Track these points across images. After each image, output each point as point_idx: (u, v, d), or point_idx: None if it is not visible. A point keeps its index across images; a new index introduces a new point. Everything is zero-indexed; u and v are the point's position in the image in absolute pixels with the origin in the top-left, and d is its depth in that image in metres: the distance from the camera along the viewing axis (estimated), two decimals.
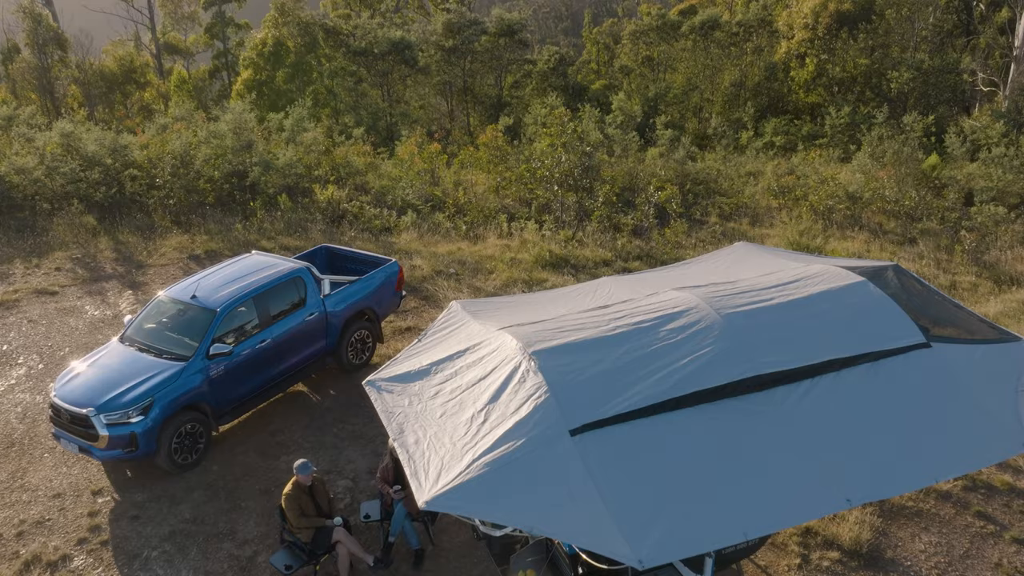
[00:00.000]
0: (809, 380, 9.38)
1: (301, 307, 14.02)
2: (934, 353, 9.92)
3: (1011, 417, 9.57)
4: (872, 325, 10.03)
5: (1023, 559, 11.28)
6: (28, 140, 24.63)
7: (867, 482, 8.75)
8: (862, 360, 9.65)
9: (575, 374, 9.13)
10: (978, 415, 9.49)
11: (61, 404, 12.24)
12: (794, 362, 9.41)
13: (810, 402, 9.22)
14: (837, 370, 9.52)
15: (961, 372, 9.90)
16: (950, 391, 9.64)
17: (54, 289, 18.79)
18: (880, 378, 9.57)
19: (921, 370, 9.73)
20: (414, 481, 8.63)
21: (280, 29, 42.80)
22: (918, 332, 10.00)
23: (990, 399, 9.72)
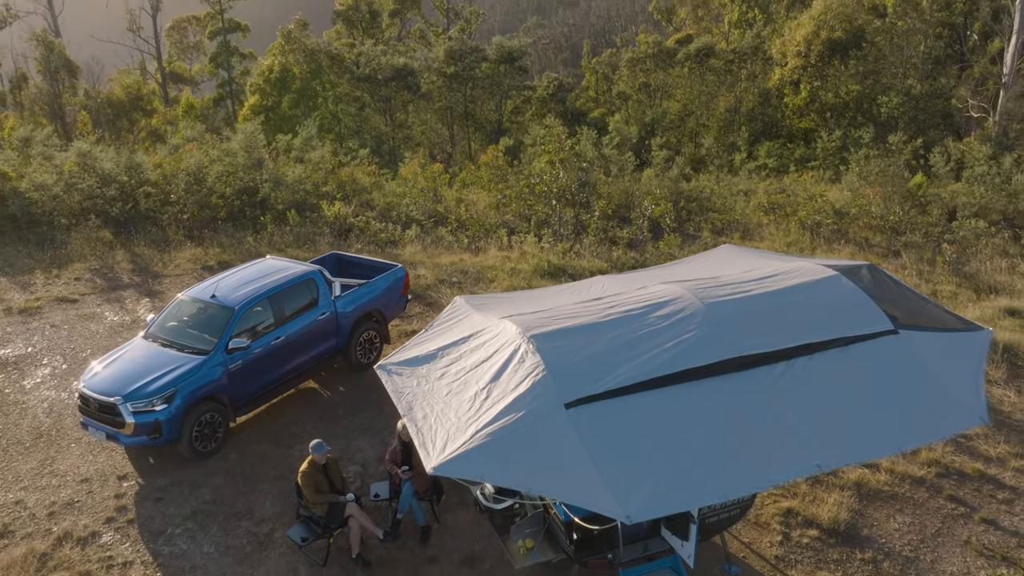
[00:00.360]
0: (785, 362, 10.19)
1: (313, 307, 14.89)
2: (901, 339, 10.75)
3: (971, 395, 10.40)
4: (844, 314, 10.88)
5: (991, 537, 12.04)
6: (47, 158, 25.66)
7: (837, 450, 9.58)
8: (834, 344, 10.47)
9: (570, 355, 9.95)
10: (941, 393, 10.32)
11: (90, 394, 13.08)
12: (771, 346, 10.23)
13: (786, 381, 10.04)
14: (811, 353, 10.33)
15: (926, 356, 10.73)
16: (915, 373, 10.47)
17: (74, 297, 19.67)
18: (851, 360, 10.40)
19: (889, 354, 10.56)
20: (422, 451, 9.43)
21: (286, 56, 44.00)
22: (887, 320, 10.83)
23: (953, 380, 10.56)
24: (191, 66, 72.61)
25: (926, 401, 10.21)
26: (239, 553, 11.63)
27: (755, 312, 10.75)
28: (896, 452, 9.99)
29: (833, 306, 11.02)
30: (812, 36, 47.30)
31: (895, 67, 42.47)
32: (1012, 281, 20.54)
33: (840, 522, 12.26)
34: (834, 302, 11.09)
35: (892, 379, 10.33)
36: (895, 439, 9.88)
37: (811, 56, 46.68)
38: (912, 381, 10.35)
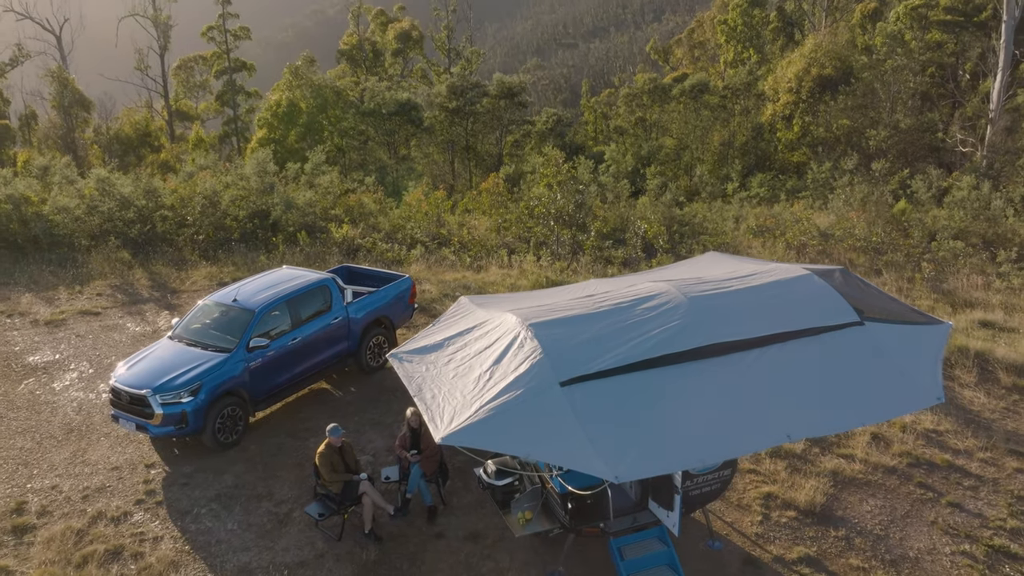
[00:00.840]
0: (759, 349, 11.26)
1: (327, 312, 15.97)
2: (866, 329, 11.83)
3: (929, 379, 11.46)
4: (814, 307, 11.97)
5: (956, 519, 13.01)
6: (70, 182, 26.89)
7: (805, 424, 10.63)
8: (804, 334, 11.54)
9: (565, 340, 11.03)
10: (902, 377, 11.38)
11: (121, 387, 14.12)
12: (747, 334, 11.31)
13: (760, 365, 11.09)
14: (783, 341, 11.40)
15: (889, 344, 11.80)
16: (878, 359, 11.54)
17: (97, 310, 20.75)
18: (819, 347, 11.47)
19: (855, 342, 11.63)
20: (431, 424, 10.46)
21: (293, 91, 45.46)
22: (853, 313, 11.92)
23: (913, 365, 11.62)
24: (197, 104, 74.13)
25: (887, 383, 11.27)
26: (260, 529, 12.60)
27: (733, 305, 11.85)
28: (858, 426, 11.04)
29: (804, 300, 12.12)
30: (803, 73, 48.86)
31: (883, 102, 43.88)
32: (987, 296, 21.63)
33: (816, 504, 13.24)
34: (805, 297, 12.19)
35: (857, 364, 11.39)
36: (858, 415, 10.98)
37: (802, 92, 48.18)
38: (875, 366, 11.42)
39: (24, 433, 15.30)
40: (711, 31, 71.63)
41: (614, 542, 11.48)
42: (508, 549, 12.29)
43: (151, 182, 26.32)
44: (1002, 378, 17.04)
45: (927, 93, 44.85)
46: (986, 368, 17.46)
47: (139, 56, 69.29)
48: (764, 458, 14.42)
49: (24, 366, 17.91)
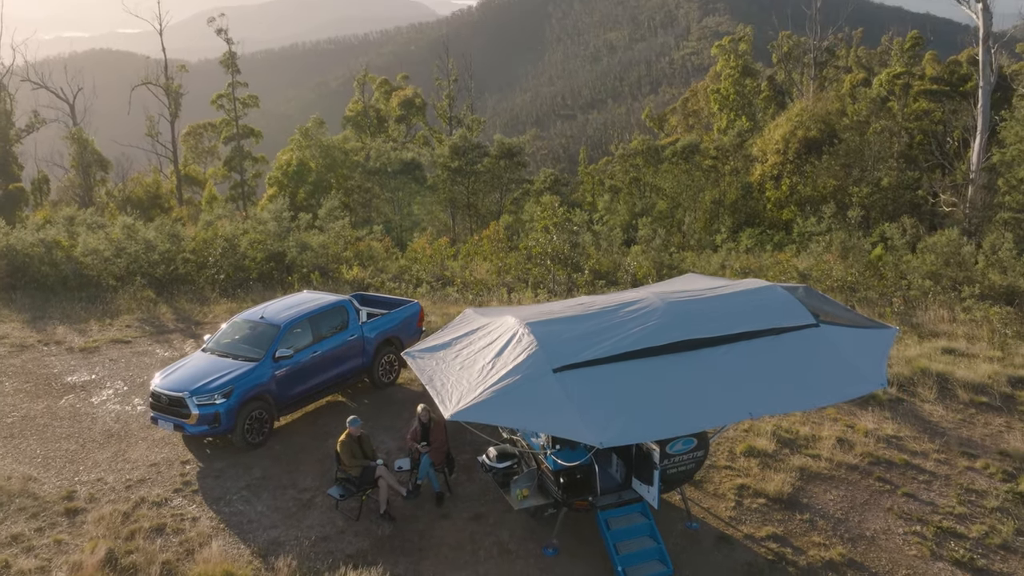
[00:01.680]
0: (727, 345, 13.00)
1: (344, 329, 17.67)
2: (822, 331, 13.57)
3: (875, 370, 13.19)
4: (776, 312, 13.75)
5: (910, 506, 14.53)
6: (100, 226, 28.78)
7: (765, 403, 12.34)
8: (767, 333, 13.30)
9: (557, 335, 12.77)
10: (851, 368, 13.10)
11: (161, 391, 15.76)
12: (716, 332, 13.07)
13: (727, 358, 12.82)
14: (748, 339, 13.13)
15: (841, 343, 13.54)
16: (832, 354, 13.26)
17: (127, 339, 22.42)
18: (780, 344, 13.21)
19: (811, 340, 13.38)
20: (441, 406, 12.11)
21: (303, 151, 47.71)
22: (811, 317, 13.68)
23: (861, 359, 13.35)
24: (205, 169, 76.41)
25: (838, 372, 13.00)
26: (286, 511, 14.13)
27: (705, 309, 13.65)
28: (813, 407, 12.71)
29: (768, 306, 13.90)
30: (790, 135, 51.25)
31: (866, 161, 46.07)
32: (952, 328, 23.31)
33: (784, 493, 14.78)
34: (769, 303, 13.99)
35: (812, 358, 13.13)
36: (812, 398, 12.75)
37: (789, 153, 50.50)
38: (828, 359, 13.16)
39: (68, 438, 16.87)
40: (705, 100, 74.36)
41: (601, 515, 13.01)
42: (508, 527, 13.81)
43: (175, 227, 28.19)
44: (960, 395, 18.62)
45: (910, 154, 47.05)
46: (946, 387, 19.05)
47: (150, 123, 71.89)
48: (738, 456, 15.98)
49: (63, 385, 19.52)
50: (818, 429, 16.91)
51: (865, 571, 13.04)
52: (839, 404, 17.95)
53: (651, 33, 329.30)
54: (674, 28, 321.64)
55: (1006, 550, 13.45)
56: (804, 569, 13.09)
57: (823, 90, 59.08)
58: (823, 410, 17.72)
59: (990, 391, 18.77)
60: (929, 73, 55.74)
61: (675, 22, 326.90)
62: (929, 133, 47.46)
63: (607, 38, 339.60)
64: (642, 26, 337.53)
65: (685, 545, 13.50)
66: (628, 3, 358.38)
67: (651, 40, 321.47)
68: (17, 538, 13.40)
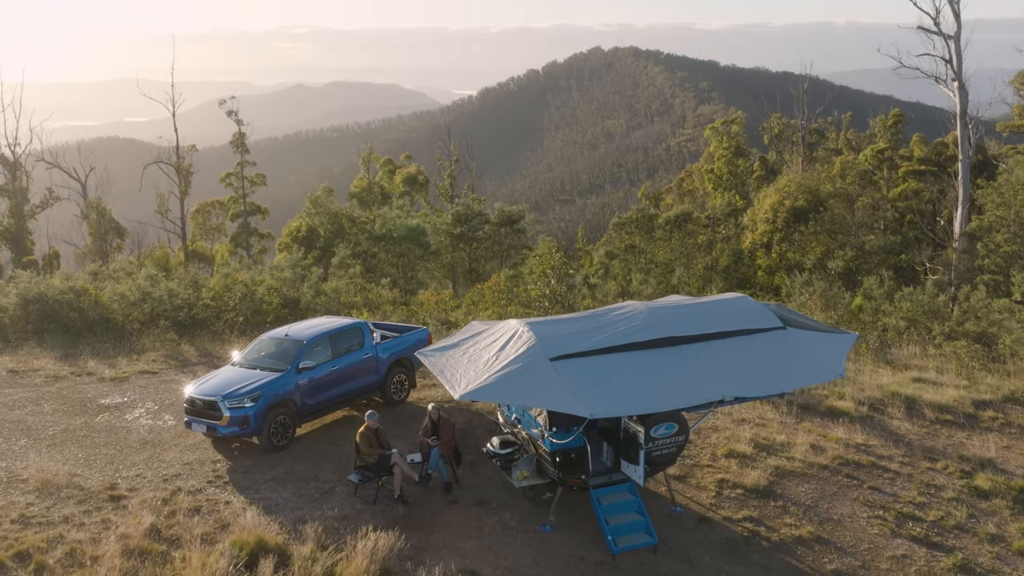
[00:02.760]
0: (702, 342, 14.76)
1: (359, 348, 19.37)
2: (788, 332, 15.36)
3: (835, 364, 14.92)
4: (747, 316, 15.57)
5: (874, 496, 16.06)
6: (128, 274, 30.68)
7: (735, 388, 14.01)
8: (739, 334, 15.07)
9: (553, 332, 14.58)
10: (814, 361, 14.87)
11: (196, 396, 17.43)
12: (693, 331, 14.85)
13: (703, 352, 14.60)
14: (722, 338, 14.89)
15: (805, 342, 15.31)
16: (797, 350, 15.03)
17: (154, 370, 24.09)
18: (749, 342, 14.99)
19: (778, 339, 15.16)
20: (451, 389, 13.82)
21: (312, 218, 49.94)
22: (778, 320, 15.48)
23: (823, 355, 15.12)
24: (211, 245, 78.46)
25: (801, 365, 14.78)
26: (310, 497, 15.66)
27: (683, 313, 15.49)
28: (777, 391, 14.42)
29: (739, 312, 15.74)
30: (778, 205, 53.55)
31: (850, 226, 48.22)
32: (924, 362, 24.96)
33: (760, 485, 16.33)
34: (740, 310, 15.83)
35: (779, 353, 14.90)
36: (777, 384, 14.45)
37: (778, 222, 52.72)
38: (793, 354, 14.93)
39: (106, 445, 18.43)
40: (700, 180, 77.00)
41: (594, 492, 14.56)
42: (510, 509, 15.34)
43: (197, 274, 30.06)
44: (927, 414, 20.20)
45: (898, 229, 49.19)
46: (914, 407, 20.63)
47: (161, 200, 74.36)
48: (720, 457, 17.54)
49: (98, 406, 21.12)
50: (793, 437, 18.48)
51: (831, 545, 14.54)
52: (813, 418, 19.60)
53: (648, 121, 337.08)
54: (670, 116, 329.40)
55: (960, 530, 14.97)
56: (776, 544, 14.59)
57: (812, 164, 61.66)
58: (799, 421, 19.34)
59: (955, 411, 20.34)
60: (917, 154, 58.26)
61: (671, 111, 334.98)
62: (918, 212, 49.67)
63: (604, 126, 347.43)
64: (639, 114, 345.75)
65: (669, 525, 15.00)
66: (625, 92, 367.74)
67: (648, 128, 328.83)
68: (68, 518, 14.91)
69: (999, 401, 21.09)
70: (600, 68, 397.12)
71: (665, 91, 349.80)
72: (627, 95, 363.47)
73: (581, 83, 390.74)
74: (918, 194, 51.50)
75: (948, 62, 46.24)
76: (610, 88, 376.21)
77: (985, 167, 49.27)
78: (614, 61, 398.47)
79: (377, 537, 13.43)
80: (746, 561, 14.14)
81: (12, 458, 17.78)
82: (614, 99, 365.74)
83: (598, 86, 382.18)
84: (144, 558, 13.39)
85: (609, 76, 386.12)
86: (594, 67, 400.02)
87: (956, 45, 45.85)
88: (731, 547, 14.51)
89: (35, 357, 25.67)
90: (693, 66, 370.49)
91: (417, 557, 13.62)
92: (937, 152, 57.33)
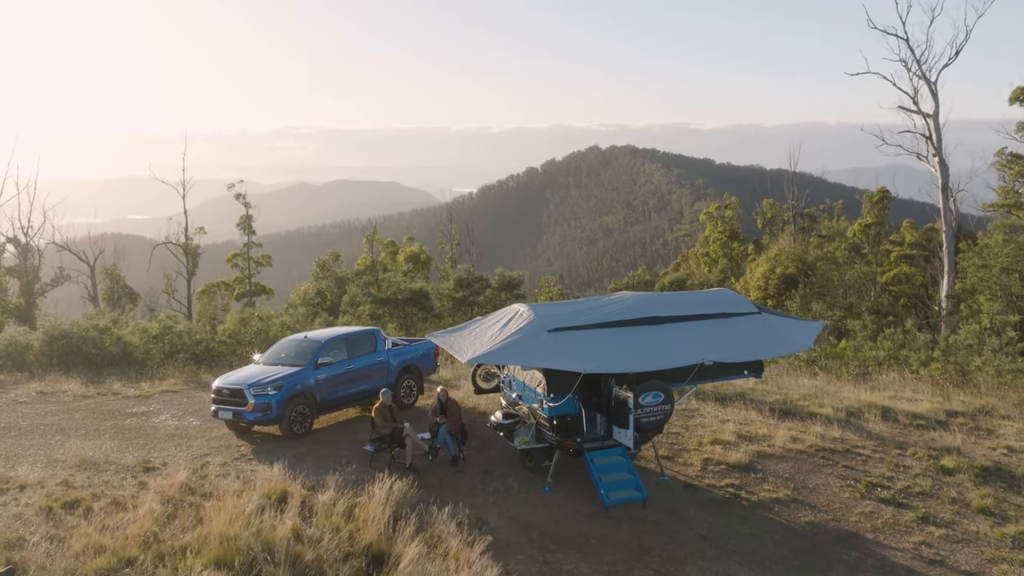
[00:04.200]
0: (685, 322, 16.47)
1: (373, 352, 20.99)
2: (762, 316, 17.12)
3: (805, 340, 16.66)
4: (726, 303, 17.34)
5: (847, 472, 17.50)
6: (151, 310, 32.34)
7: (715, 353, 15.65)
8: (718, 316, 16.78)
9: (551, 312, 16.40)
10: (785, 337, 16.59)
11: (224, 386, 19.02)
12: (677, 312, 16.56)
13: (685, 328, 16.32)
14: (702, 319, 16.61)
15: (778, 324, 17.06)
16: (770, 329, 16.77)
17: (176, 389, 25.59)
18: (728, 322, 16.76)
19: (753, 321, 16.86)
20: (460, 355, 15.48)
21: (320, 282, 51.80)
22: (754, 307, 17.20)
23: (793, 334, 16.84)
24: None
25: (774, 339, 16.54)
26: (329, 468, 17.09)
27: (668, 300, 17.35)
28: (752, 358, 16.06)
29: (720, 300, 17.54)
30: (769, 272, 55.58)
31: (837, 287, 50.10)
32: (902, 385, 26.47)
33: (742, 462, 17.79)
34: (721, 298, 17.62)
35: (754, 331, 16.63)
36: (753, 352, 16.12)
37: (770, 288, 54.64)
38: (767, 332, 16.64)
39: (137, 438, 19.86)
40: (696, 264, 79.16)
41: (588, 455, 16.02)
42: (512, 476, 16.79)
43: (217, 312, 31.73)
44: (901, 419, 21.64)
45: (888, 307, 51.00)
46: (889, 415, 22.10)
47: (168, 280, 76.30)
48: (705, 444, 18.97)
49: (127, 413, 22.56)
50: (774, 431, 19.91)
51: (805, 504, 15.96)
52: (793, 420, 21.03)
53: (645, 217, 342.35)
54: (667, 212, 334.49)
55: (924, 495, 16.39)
56: (755, 503, 16.01)
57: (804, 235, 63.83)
58: (780, 422, 20.79)
59: (928, 418, 21.75)
60: (908, 239, 60.50)
61: (668, 207, 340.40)
62: (913, 296, 51.52)
63: (603, 221, 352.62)
64: (636, 210, 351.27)
65: (658, 490, 16.42)
66: (622, 189, 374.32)
67: (645, 223, 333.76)
68: (107, 483, 16.35)
69: (970, 412, 22.53)
70: (598, 166, 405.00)
71: (662, 188, 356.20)
72: (624, 192, 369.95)
73: (579, 180, 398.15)
74: (910, 278, 53.35)
75: (928, 138, 48.47)
76: (608, 185, 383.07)
77: (968, 236, 51.32)
78: (611, 159, 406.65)
79: (392, 482, 14.85)
80: (727, 515, 15.53)
81: (49, 448, 19.19)
82: (612, 196, 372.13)
83: (596, 183, 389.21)
84: (179, 505, 14.79)
85: (607, 173, 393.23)
86: (592, 165, 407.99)
87: (935, 122, 48.11)
88: (714, 504, 15.92)
89: (62, 382, 27.13)
90: (689, 164, 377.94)
91: (428, 503, 15.02)
92: (927, 237, 59.36)
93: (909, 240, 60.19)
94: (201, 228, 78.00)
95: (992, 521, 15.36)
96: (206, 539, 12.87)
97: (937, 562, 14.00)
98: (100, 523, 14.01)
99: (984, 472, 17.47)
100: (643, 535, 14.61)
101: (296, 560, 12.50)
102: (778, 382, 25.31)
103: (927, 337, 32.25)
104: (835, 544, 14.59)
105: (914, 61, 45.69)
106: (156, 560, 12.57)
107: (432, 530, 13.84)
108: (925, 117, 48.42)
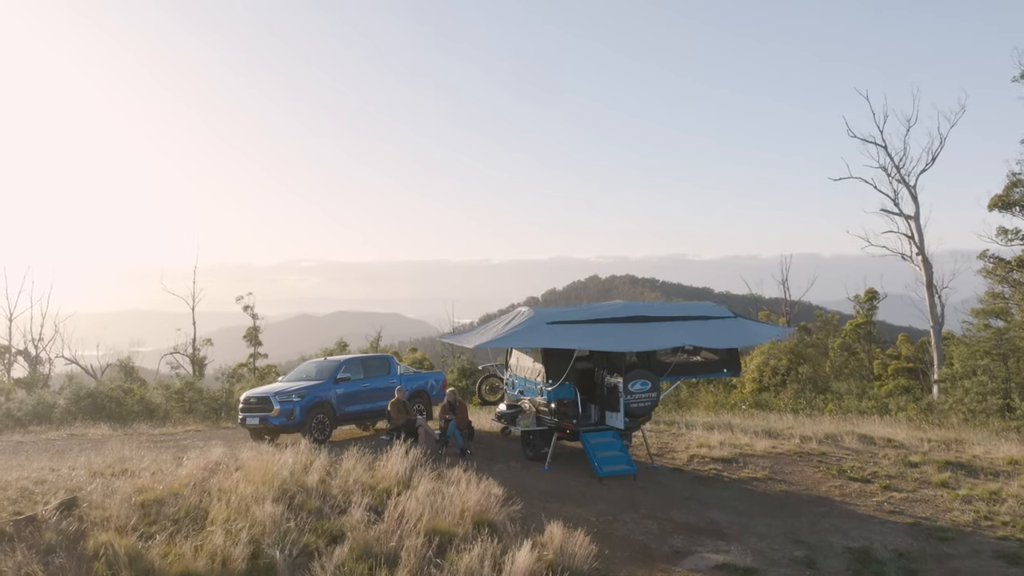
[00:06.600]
0: (669, 321, 18.52)
1: (387, 375, 22.83)
2: (738, 320, 19.15)
3: (778, 334, 18.63)
4: (707, 309, 19.39)
5: (822, 465, 19.17)
6: (174, 367, 34.10)
7: (694, 340, 17.62)
8: (698, 319, 18.84)
9: (550, 311, 18.38)
10: (755, 333, 18.65)
11: (251, 395, 20.81)
12: (662, 313, 18.65)
13: (669, 325, 18.34)
14: (685, 320, 18.67)
15: (752, 326, 19.07)
16: (743, 327, 18.78)
17: (199, 429, 27.23)
18: (706, 323, 18.73)
19: (729, 322, 18.89)
20: (469, 342, 17.48)
21: None
22: (730, 312, 19.26)
23: (767, 332, 18.86)
24: None
25: (747, 334, 18.48)
26: (348, 455, 18.72)
27: (655, 305, 19.39)
28: (728, 345, 17.99)
29: (701, 307, 19.67)
30: (762, 365, 57.41)
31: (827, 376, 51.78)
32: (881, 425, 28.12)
33: (726, 456, 19.45)
34: (702, 306, 19.70)
35: (730, 328, 18.62)
36: (731, 340, 18.06)
37: (764, 380, 56.38)
38: (741, 328, 18.64)
39: (166, 451, 21.51)
40: None
41: (584, 435, 17.76)
42: (514, 460, 18.44)
43: (237, 372, 33.53)
44: (877, 441, 23.31)
45: None
46: (864, 440, 23.75)
47: None
48: (692, 447, 20.63)
49: (154, 443, 24.23)
50: (756, 442, 21.58)
51: (781, 481, 17.66)
52: (775, 437, 22.68)
53: None
54: None
55: (890, 477, 18.05)
56: (736, 479, 17.70)
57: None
58: (763, 438, 22.43)
59: (900, 442, 23.45)
60: (904, 353, 62.59)
61: None
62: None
63: None
64: None
65: (649, 474, 18.07)
66: None
67: None
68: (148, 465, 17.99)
69: (942, 440, 24.17)
70: (598, 294, 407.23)
71: None
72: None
73: None
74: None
75: (911, 238, 50.82)
76: None
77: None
78: (611, 287, 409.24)
79: (408, 447, 16.58)
80: (710, 486, 17.22)
81: (85, 455, 20.80)
82: None
83: None
84: (215, 470, 16.47)
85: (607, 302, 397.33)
86: (592, 293, 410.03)
87: (916, 223, 50.51)
88: (698, 480, 17.61)
89: (90, 428, 28.80)
90: (689, 292, 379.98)
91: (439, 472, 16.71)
92: (922, 350, 61.41)
93: (905, 354, 62.18)
94: (208, 340, 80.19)
95: (948, 490, 17.01)
96: (246, 479, 14.56)
97: (897, 512, 15.65)
98: (148, 478, 15.68)
99: (947, 465, 19.15)
100: (634, 495, 16.27)
101: (326, 494, 14.21)
102: (765, 417, 27.02)
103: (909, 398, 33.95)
104: (806, 504, 16.26)
105: (893, 167, 48.06)
106: (201, 494, 14.24)
107: (446, 478, 15.57)
108: (907, 218, 51.04)
